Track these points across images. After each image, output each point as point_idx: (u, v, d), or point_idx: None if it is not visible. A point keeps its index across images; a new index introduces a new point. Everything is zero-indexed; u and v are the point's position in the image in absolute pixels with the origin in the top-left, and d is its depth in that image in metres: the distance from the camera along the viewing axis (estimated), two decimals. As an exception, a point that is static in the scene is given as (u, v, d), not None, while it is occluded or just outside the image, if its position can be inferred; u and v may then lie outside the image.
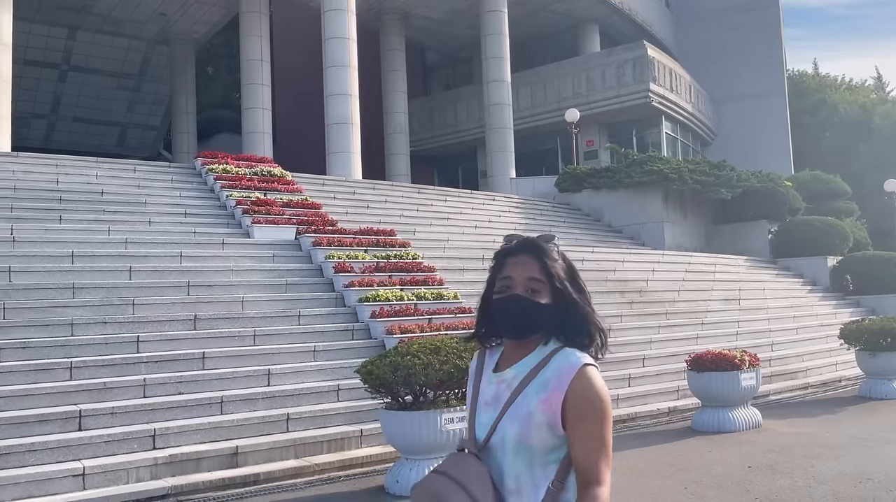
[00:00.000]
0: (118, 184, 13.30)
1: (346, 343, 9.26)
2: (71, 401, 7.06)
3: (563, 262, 1.90)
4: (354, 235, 11.93)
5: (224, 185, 13.84)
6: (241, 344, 8.72)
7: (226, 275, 10.11)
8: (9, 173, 12.53)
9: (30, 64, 28.56)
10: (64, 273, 9.04)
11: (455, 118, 31.57)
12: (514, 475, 1.78)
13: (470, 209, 18.03)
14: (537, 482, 1.77)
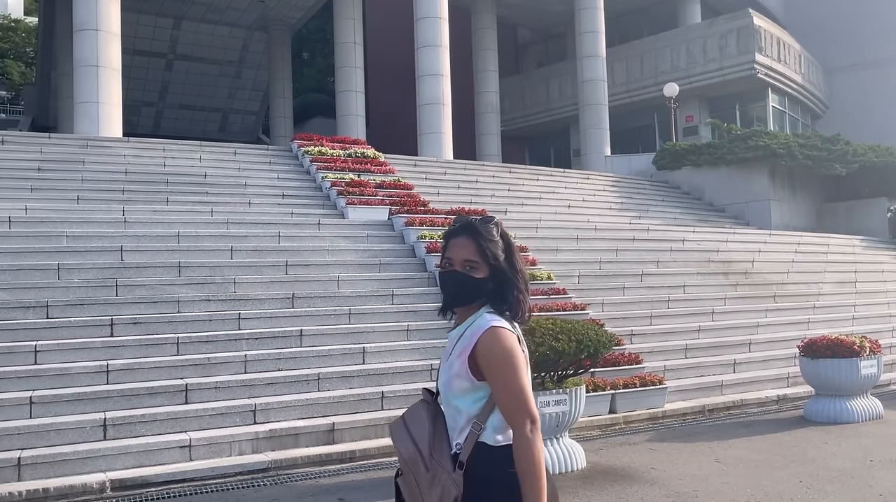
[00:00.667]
0: (220, 167, 13.74)
1: (440, 323, 9.22)
2: (178, 376, 7.34)
3: (501, 242, 2.20)
4: (446, 215, 11.87)
5: (319, 167, 14.08)
6: (336, 322, 8.83)
7: (322, 255, 10.27)
8: (120, 157, 13.17)
9: (139, 54, 30.01)
10: (171, 252, 9.41)
11: (547, 96, 30.99)
12: (451, 415, 2.14)
13: (563, 188, 17.65)
14: (464, 422, 2.10)
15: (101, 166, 12.63)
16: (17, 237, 9.04)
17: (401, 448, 2.17)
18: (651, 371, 8.96)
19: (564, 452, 6.25)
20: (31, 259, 8.66)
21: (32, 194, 11.18)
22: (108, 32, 15.79)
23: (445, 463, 2.08)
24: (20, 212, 10.00)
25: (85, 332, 7.62)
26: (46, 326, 7.53)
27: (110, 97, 15.65)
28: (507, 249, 2.21)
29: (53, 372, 6.92)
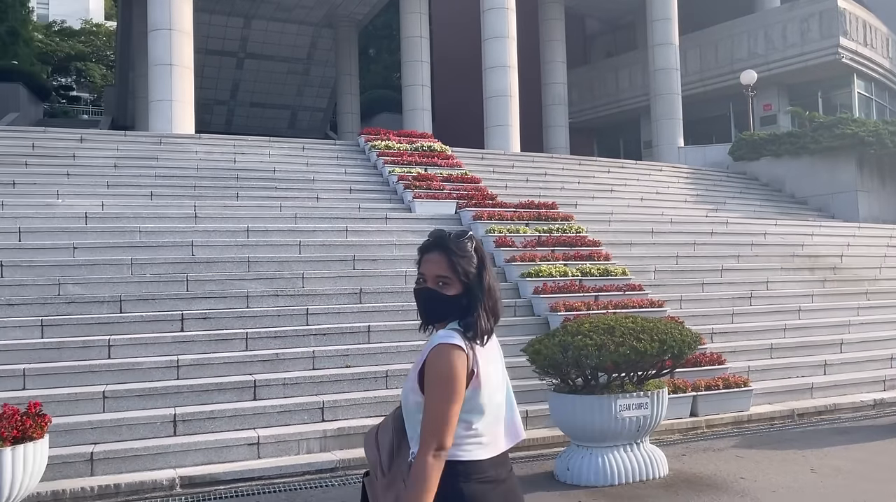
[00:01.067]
0: (288, 162, 13.79)
1: (509, 319, 8.95)
2: (246, 371, 7.30)
3: (475, 257, 2.19)
4: (515, 209, 11.57)
5: (386, 161, 13.97)
6: (404, 318, 8.66)
7: (389, 250, 10.13)
8: (192, 154, 13.35)
9: (211, 53, 30.67)
10: (240, 247, 9.42)
11: (616, 87, 30.21)
12: (410, 426, 2.16)
13: (635, 180, 17.07)
14: (415, 433, 2.11)
15: (173, 162, 12.82)
16: (93, 233, 9.21)
17: (367, 453, 2.29)
18: (734, 372, 8.45)
19: (645, 458, 5.89)
20: (106, 254, 8.80)
21: (109, 190, 11.42)
22: (181, 31, 16.06)
23: (403, 472, 2.14)
24: (97, 209, 10.21)
25: (156, 327, 7.67)
26: (119, 320, 7.60)
27: (183, 95, 15.92)
28: (480, 265, 2.20)
29: (126, 366, 6.96)
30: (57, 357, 7.01)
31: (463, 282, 2.16)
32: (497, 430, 2.20)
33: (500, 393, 2.23)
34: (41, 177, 11.45)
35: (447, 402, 2.04)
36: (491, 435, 2.16)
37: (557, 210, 11.87)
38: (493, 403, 2.17)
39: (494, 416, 2.18)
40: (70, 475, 5.79)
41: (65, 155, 12.38)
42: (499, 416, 2.20)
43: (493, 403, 2.16)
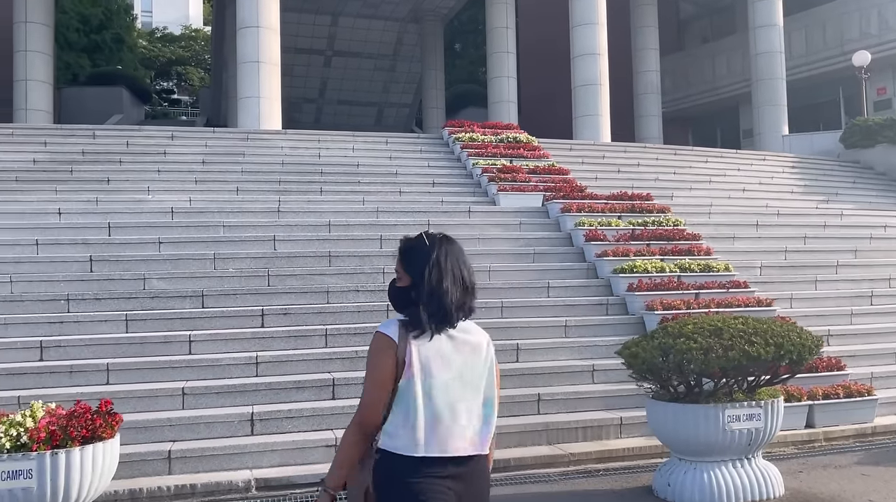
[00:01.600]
0: (372, 157, 13.62)
1: (600, 318, 8.40)
2: (325, 369, 7.07)
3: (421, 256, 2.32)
4: (606, 200, 10.94)
5: (470, 154, 13.60)
6: (488, 315, 8.25)
7: (472, 244, 9.73)
8: (278, 149, 13.38)
9: (300, 52, 31.17)
10: (321, 241, 9.25)
11: (713, 73, 28.75)
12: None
13: (735, 170, 16.02)
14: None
15: (259, 158, 12.87)
16: (178, 227, 9.24)
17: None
18: (855, 378, 7.61)
19: (758, 475, 5.26)
20: (190, 249, 8.80)
21: (196, 186, 11.53)
22: (268, 29, 16.18)
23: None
24: (183, 204, 10.28)
25: (237, 323, 7.56)
26: (201, 316, 7.53)
27: (270, 91, 16.04)
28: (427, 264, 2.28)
29: (205, 362, 6.86)
30: (140, 352, 6.99)
31: (411, 277, 2.30)
32: (441, 432, 2.17)
33: (452, 395, 2.20)
34: (134, 174, 11.69)
35: (368, 382, 2.23)
36: (432, 435, 2.16)
37: (653, 201, 11.16)
38: (435, 403, 2.17)
39: (435, 418, 2.17)
40: (148, 473, 5.69)
41: (156, 152, 12.62)
42: (442, 419, 2.17)
43: (433, 403, 2.16)
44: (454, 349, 2.25)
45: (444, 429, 2.17)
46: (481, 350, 2.31)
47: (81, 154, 12.25)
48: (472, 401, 2.24)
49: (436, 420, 2.17)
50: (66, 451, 4.09)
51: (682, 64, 29.99)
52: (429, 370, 2.18)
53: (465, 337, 2.29)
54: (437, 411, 2.17)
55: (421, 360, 2.18)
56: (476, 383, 2.26)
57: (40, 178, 11.22)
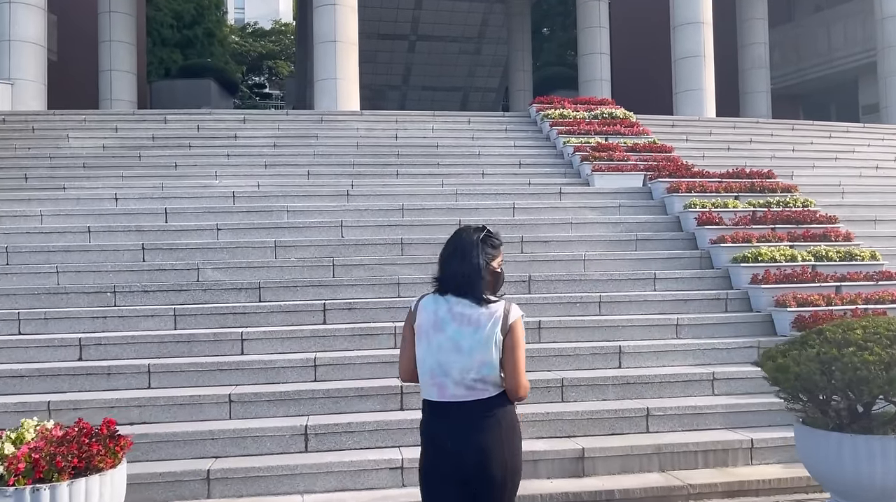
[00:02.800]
0: (452, 137, 12.60)
1: (718, 316, 7.05)
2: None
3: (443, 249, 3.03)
4: (720, 179, 9.49)
5: (560, 132, 12.35)
6: (583, 312, 7.08)
7: (563, 230, 8.55)
8: (353, 131, 12.55)
9: (383, 38, 30.51)
10: (393, 228, 8.29)
11: (829, 44, 26.13)
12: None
13: (865, 146, 14.07)
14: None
15: (333, 140, 12.08)
16: (239, 213, 8.49)
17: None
18: None
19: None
20: (250, 236, 8.02)
21: (266, 170, 10.83)
22: (345, 6, 15.38)
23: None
24: (251, 188, 9.56)
25: (295, 318, 6.69)
26: (256, 310, 6.70)
27: (347, 72, 15.26)
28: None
29: (257, 364, 6.00)
30: (186, 351, 6.22)
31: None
32: (437, 382, 2.79)
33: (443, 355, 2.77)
34: (202, 159, 11.10)
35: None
36: (431, 383, 2.81)
37: (775, 179, 9.62)
38: (430, 359, 2.79)
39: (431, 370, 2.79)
40: (184, 496, 4.87)
41: (226, 136, 12.02)
42: (435, 372, 2.78)
43: (429, 358, 2.80)
44: (451, 318, 2.79)
45: (438, 380, 2.77)
46: (479, 324, 2.77)
47: (151, 139, 11.78)
48: (467, 362, 2.75)
49: (431, 372, 2.79)
50: (51, 486, 3.24)
51: (791, 35, 27.47)
52: (426, 332, 2.80)
53: (463, 310, 2.80)
54: (431, 365, 2.79)
55: (421, 325, 2.83)
56: (469, 349, 2.76)
57: (108, 164, 10.77)
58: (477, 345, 2.76)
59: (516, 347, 2.81)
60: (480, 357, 2.76)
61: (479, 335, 2.77)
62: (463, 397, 2.77)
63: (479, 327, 2.78)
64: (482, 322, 2.79)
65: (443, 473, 2.78)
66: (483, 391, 2.77)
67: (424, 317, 2.84)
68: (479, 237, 2.87)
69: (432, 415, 2.83)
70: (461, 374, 2.76)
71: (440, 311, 2.82)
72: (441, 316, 2.80)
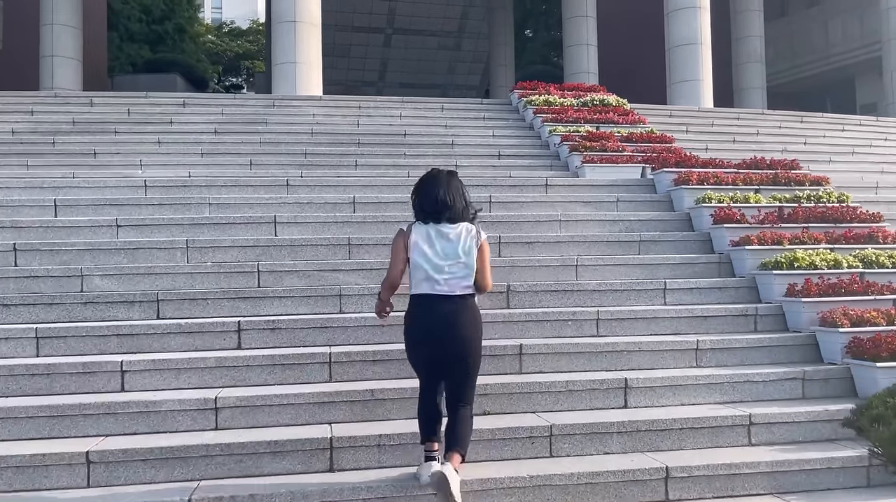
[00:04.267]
0: (423, 125, 11.08)
1: (747, 337, 5.53)
2: (323, 418, 4.53)
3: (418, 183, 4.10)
4: (736, 170, 8.01)
5: (546, 120, 10.86)
6: (576, 332, 5.54)
7: (551, 228, 7.02)
8: (308, 117, 10.99)
9: (357, 30, 28.95)
10: (340, 225, 6.71)
11: (826, 40, 24.93)
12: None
13: (882, 140, 12.73)
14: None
15: (284, 127, 10.50)
16: (149, 206, 6.86)
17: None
18: None
19: None
20: (158, 234, 6.40)
21: (202, 159, 9.24)
22: (307, -18, 13.81)
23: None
24: (181, 178, 7.95)
25: (200, 341, 5.09)
26: (149, 331, 5.09)
27: (309, 56, 13.64)
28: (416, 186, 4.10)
29: (137, 406, 4.39)
30: (45, 387, 4.60)
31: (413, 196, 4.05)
32: (430, 281, 3.76)
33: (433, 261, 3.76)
34: (127, 146, 9.49)
35: (391, 258, 3.96)
36: (424, 282, 3.76)
37: (802, 171, 8.16)
38: (416, 264, 3.78)
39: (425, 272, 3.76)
40: None
41: (161, 121, 10.40)
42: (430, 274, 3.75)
43: (416, 264, 3.79)
44: (437, 235, 3.79)
45: (431, 279, 3.76)
46: (459, 238, 3.79)
47: (71, 124, 10.13)
48: (454, 267, 3.76)
49: (426, 274, 3.77)
50: None
51: (786, 31, 26.25)
52: (419, 246, 3.79)
53: (445, 229, 3.80)
54: (430, 268, 3.76)
55: (415, 241, 3.81)
56: (452, 256, 3.77)
57: (13, 152, 9.12)
58: (459, 255, 3.76)
59: (486, 259, 3.87)
60: (462, 262, 3.76)
61: (460, 247, 3.77)
62: (447, 292, 3.75)
63: (459, 241, 3.78)
64: (462, 237, 3.79)
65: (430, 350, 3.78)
66: (461, 289, 3.77)
67: (416, 234, 3.81)
68: (448, 172, 3.99)
69: (421, 306, 3.79)
70: (447, 276, 3.74)
71: (430, 231, 3.79)
72: (430, 233, 3.79)
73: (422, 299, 3.76)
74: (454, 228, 3.78)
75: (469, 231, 3.80)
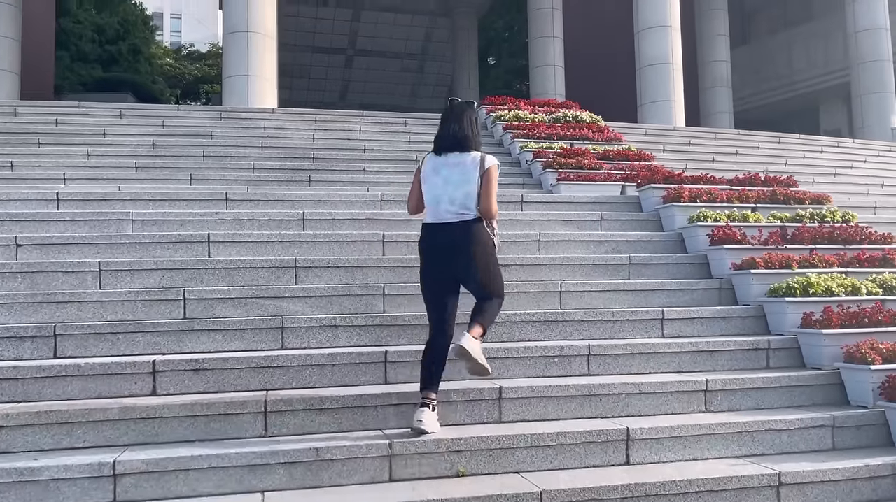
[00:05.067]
0: (384, 140, 10.24)
1: (762, 376, 4.72)
2: (254, 485, 3.56)
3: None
4: (730, 186, 7.31)
5: (516, 136, 10.12)
6: (564, 370, 4.68)
7: (528, 249, 6.19)
8: (259, 130, 10.06)
9: (318, 51, 28.17)
10: (286, 245, 5.77)
11: (790, 67, 24.91)
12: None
13: (862, 162, 12.30)
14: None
15: (232, 140, 9.56)
16: (59, 223, 5.84)
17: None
18: None
19: None
20: (66, 254, 5.38)
21: (136, 173, 8.24)
22: (261, -9, 12.96)
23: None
24: (112, 193, 6.93)
25: (104, 387, 4.10)
26: (38, 374, 4.07)
27: (262, 69, 12.77)
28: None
29: (10, 475, 3.37)
30: None
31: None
32: (436, 209, 3.96)
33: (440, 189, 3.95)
34: (51, 159, 8.44)
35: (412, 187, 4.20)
36: (434, 210, 3.98)
37: (800, 188, 7.49)
38: (432, 194, 3.98)
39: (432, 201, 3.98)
40: None
41: (93, 132, 9.37)
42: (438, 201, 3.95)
43: (424, 193, 4.04)
44: (444, 165, 3.98)
45: (437, 208, 3.95)
46: (464, 166, 3.94)
47: (-12, 134, 9.03)
48: (455, 193, 3.91)
49: (433, 203, 3.98)
50: None
51: (749, 58, 26.22)
52: (429, 176, 4.01)
53: (452, 159, 3.99)
54: (432, 198, 3.97)
55: (425, 171, 4.05)
56: (455, 183, 3.92)
57: (-85, 163, 8.00)
58: (462, 182, 3.92)
59: (489, 183, 3.95)
60: (464, 190, 3.91)
61: (464, 175, 3.93)
62: (453, 219, 3.91)
63: (464, 169, 3.95)
64: (466, 165, 3.96)
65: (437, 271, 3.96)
66: (466, 215, 3.91)
67: (427, 166, 4.05)
68: (466, 103, 4.20)
69: (431, 231, 3.98)
70: (451, 203, 3.91)
71: (438, 161, 4.03)
72: (438, 164, 4.01)
73: (428, 227, 3.97)
74: (461, 157, 3.95)
75: (475, 159, 3.95)
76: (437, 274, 3.92)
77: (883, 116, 17.67)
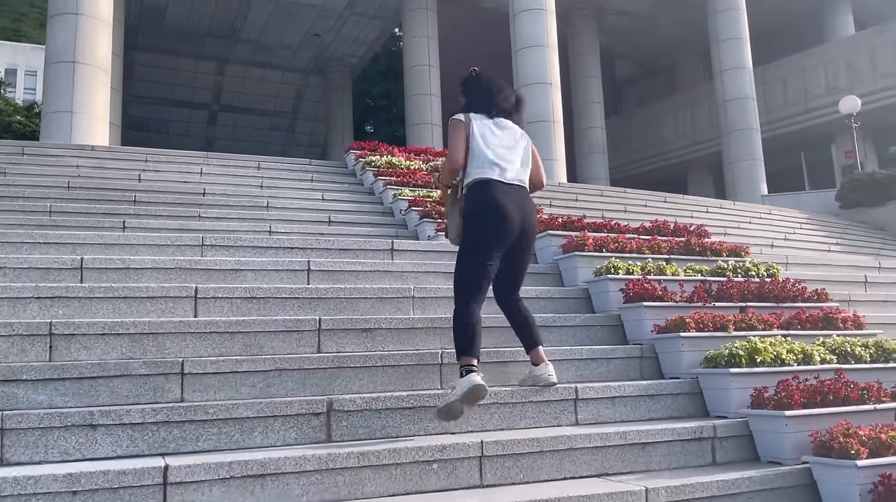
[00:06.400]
0: (230, 183, 8.61)
1: (715, 480, 3.43)
2: None
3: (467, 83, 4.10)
4: (637, 234, 6.22)
5: (388, 184, 8.79)
6: (448, 481, 3.23)
7: (399, 308, 4.72)
8: (70, 169, 8.19)
9: (178, 105, 26.10)
10: (46, 304, 3.97)
11: (660, 137, 25.51)
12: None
13: (748, 223, 11.88)
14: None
15: (31, 179, 7.63)
16: None
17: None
18: None
19: None
20: None
21: None
22: (93, 18, 11.19)
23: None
24: None
25: None
26: None
27: (92, 107, 10.90)
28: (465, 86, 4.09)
29: None
30: None
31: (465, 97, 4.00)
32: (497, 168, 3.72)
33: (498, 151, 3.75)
34: None
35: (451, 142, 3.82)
36: (492, 169, 3.70)
37: (714, 239, 6.52)
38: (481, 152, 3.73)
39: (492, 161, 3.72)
40: None
41: None
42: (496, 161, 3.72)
43: (481, 152, 3.73)
44: (497, 127, 3.83)
45: (498, 166, 3.72)
46: (515, 132, 3.88)
47: None
48: (512, 156, 3.80)
49: (492, 161, 3.72)
50: None
51: (621, 128, 26.72)
52: (483, 134, 3.78)
53: (503, 123, 3.86)
54: (491, 157, 3.73)
55: (480, 129, 3.78)
56: (513, 148, 3.82)
57: None
58: (519, 149, 3.85)
59: (538, 157, 4.02)
60: (521, 158, 3.85)
61: (519, 143, 3.87)
62: (517, 181, 3.78)
63: (517, 137, 3.87)
64: (517, 135, 3.89)
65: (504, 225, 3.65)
66: (522, 181, 3.85)
67: (478, 125, 3.79)
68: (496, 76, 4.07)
69: (494, 189, 3.68)
70: (513, 166, 3.78)
71: (490, 122, 3.83)
72: (491, 125, 3.82)
73: (492, 183, 3.69)
74: (511, 125, 3.89)
75: (520, 131, 3.93)
76: (505, 236, 3.66)
77: (753, 183, 17.90)
